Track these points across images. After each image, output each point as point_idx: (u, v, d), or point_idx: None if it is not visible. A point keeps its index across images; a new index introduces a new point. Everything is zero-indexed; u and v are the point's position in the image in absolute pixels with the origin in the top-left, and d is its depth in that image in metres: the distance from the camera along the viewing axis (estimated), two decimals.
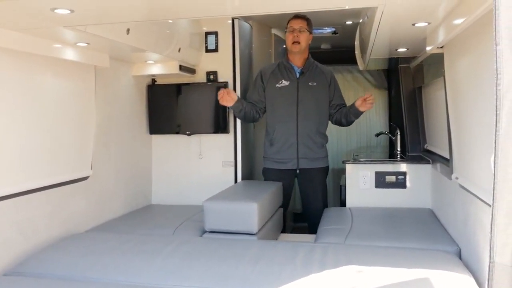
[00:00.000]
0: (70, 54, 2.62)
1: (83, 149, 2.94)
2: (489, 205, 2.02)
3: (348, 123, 3.58)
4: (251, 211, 2.77)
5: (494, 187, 1.15)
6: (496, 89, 1.14)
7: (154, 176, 3.96)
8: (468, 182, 2.32)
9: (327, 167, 3.67)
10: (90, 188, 3.05)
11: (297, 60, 3.51)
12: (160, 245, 2.42)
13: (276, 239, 3.33)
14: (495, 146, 1.15)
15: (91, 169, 3.02)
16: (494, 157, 1.15)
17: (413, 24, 2.25)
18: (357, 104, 3.35)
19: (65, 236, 2.70)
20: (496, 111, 1.14)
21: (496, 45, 1.13)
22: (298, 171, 3.54)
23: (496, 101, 1.14)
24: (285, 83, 3.47)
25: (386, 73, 5.70)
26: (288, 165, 3.51)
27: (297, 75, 3.50)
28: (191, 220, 3.20)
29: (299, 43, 3.40)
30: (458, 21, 1.92)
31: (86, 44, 2.57)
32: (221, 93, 3.35)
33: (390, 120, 5.65)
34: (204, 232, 2.88)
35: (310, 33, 3.47)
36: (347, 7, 1.82)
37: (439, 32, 2.25)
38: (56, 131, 2.69)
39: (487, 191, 2.05)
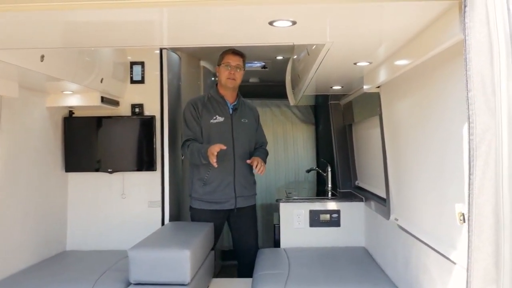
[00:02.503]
0: None
1: None
2: (432, 248, 1.98)
3: None
4: (183, 259, 2.52)
5: (469, 249, 1.05)
6: (469, 139, 1.06)
7: (70, 219, 3.54)
8: (409, 224, 2.27)
9: (255, 204, 3.56)
10: None
11: (229, 96, 3.36)
12: None
13: (208, 286, 3.08)
14: (469, 201, 1.05)
15: None
16: (468, 214, 1.05)
17: (355, 63, 2.20)
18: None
19: None
20: (470, 162, 1.05)
21: (467, 92, 1.05)
22: (235, 210, 3.34)
23: (469, 152, 1.05)
24: (219, 118, 3.29)
25: (313, 108, 5.76)
26: (226, 205, 3.31)
27: (230, 111, 3.35)
28: (113, 269, 2.85)
29: (234, 79, 3.27)
30: (402, 63, 1.89)
31: None
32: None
33: (317, 155, 5.67)
34: (129, 284, 2.56)
35: (244, 69, 3.37)
36: (294, 43, 1.72)
37: (379, 72, 2.23)
38: None
39: (429, 234, 2.00)
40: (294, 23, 1.47)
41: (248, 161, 3.26)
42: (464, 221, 1.35)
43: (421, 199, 2.07)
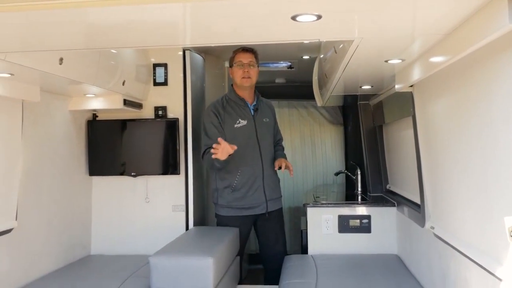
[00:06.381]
0: None
1: (5, 197, 2.49)
2: (475, 262, 1.81)
3: None
4: (206, 267, 2.44)
5: None
6: None
7: (94, 223, 3.51)
8: (447, 234, 2.10)
9: (282, 208, 3.45)
10: (14, 242, 2.58)
11: (248, 96, 3.24)
12: None
13: None
14: None
15: (16, 219, 2.56)
16: None
17: (386, 61, 2.05)
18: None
19: None
20: None
21: None
22: (267, 214, 3.24)
23: None
24: (243, 122, 3.18)
25: (341, 109, 5.59)
26: (257, 209, 3.21)
27: (252, 112, 3.24)
28: (136, 275, 2.79)
29: (250, 77, 3.14)
30: (439, 59, 1.73)
31: (9, 75, 2.18)
32: (218, 150, 2.80)
33: (346, 157, 5.50)
34: None
35: (258, 66, 3.24)
36: (320, 40, 1.60)
37: (413, 69, 2.07)
38: None
39: (471, 246, 1.83)
40: (319, 17, 1.35)
41: (276, 168, 3.21)
42: None
43: (461, 207, 1.90)
